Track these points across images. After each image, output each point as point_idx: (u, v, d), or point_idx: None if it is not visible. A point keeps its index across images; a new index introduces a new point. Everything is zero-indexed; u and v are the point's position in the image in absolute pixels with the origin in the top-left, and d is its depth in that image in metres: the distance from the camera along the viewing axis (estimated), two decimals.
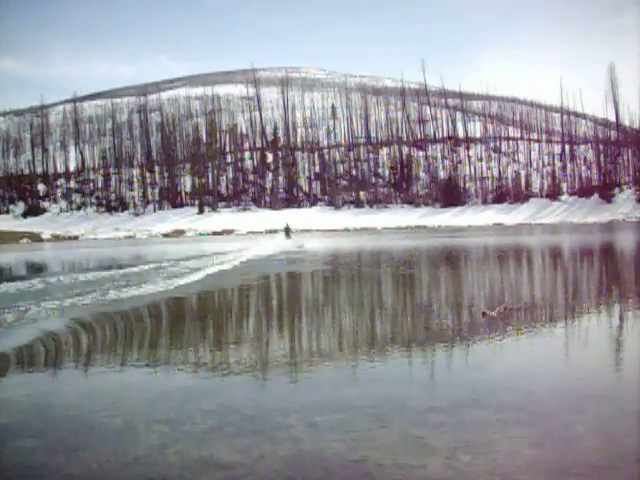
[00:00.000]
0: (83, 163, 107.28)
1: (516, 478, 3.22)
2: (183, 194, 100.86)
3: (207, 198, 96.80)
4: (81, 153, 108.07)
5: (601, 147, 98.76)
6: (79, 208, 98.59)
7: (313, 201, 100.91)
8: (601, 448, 3.56)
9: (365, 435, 3.86)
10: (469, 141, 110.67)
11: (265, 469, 3.42)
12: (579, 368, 5.40)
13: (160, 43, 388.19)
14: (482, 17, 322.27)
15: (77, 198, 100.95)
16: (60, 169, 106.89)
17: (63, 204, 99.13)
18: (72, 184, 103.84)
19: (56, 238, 72.33)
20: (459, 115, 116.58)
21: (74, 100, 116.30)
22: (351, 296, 11.55)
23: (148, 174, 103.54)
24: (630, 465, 3.32)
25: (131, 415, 4.45)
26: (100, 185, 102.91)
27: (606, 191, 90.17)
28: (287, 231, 44.89)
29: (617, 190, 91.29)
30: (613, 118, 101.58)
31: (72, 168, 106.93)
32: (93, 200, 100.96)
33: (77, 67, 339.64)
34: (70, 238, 72.74)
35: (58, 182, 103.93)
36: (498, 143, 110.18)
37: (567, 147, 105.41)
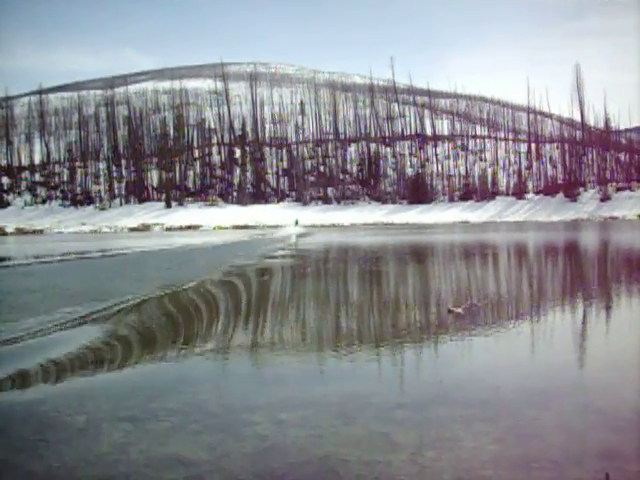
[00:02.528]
0: (48, 156, 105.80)
1: (479, 472, 3.26)
2: (150, 188, 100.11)
3: (174, 193, 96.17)
4: (46, 146, 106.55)
5: (566, 146, 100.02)
6: (44, 202, 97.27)
7: (281, 197, 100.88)
8: (563, 444, 3.61)
9: (330, 432, 3.87)
10: (437, 139, 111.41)
11: (230, 466, 3.41)
12: (545, 365, 5.46)
13: (127, 35, 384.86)
14: (450, 17, 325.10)
15: (42, 191, 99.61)
16: (25, 162, 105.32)
17: (28, 197, 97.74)
18: (37, 177, 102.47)
19: (20, 232, 71.35)
20: (427, 113, 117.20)
21: (39, 92, 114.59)
22: (317, 291, 11.56)
23: (114, 168, 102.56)
24: (591, 460, 3.37)
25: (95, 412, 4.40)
26: (66, 179, 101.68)
27: (571, 190, 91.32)
28: (296, 222, 70.83)
29: (582, 189, 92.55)
30: (578, 118, 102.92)
31: (37, 161, 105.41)
32: (58, 194, 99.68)
33: (42, 58, 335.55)
34: (35, 232, 71.80)
35: (23, 175, 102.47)
36: (465, 141, 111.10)
37: (533, 146, 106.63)
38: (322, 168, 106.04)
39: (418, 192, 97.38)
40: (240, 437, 3.81)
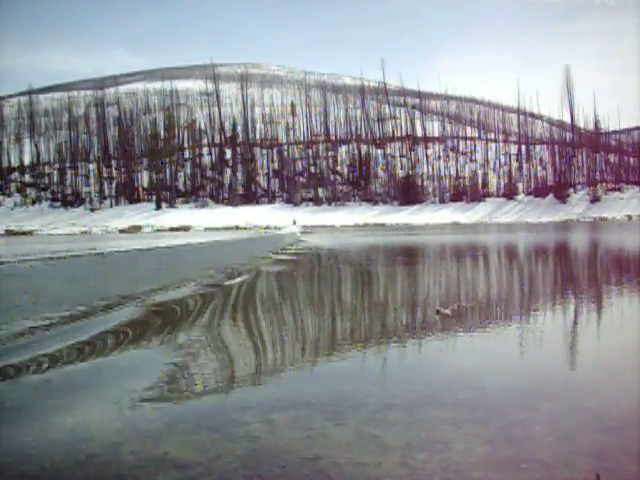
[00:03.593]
0: (38, 157, 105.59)
1: (469, 474, 3.27)
2: (140, 190, 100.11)
3: (165, 194, 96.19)
4: (36, 147, 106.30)
5: (556, 148, 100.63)
6: (34, 203, 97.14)
7: (271, 198, 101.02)
8: (554, 445, 3.62)
9: (321, 433, 3.87)
10: (427, 140, 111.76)
11: (221, 468, 3.40)
12: (535, 366, 5.47)
13: (118, 36, 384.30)
14: (440, 18, 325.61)
15: (32, 192, 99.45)
16: (14, 163, 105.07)
17: (17, 199, 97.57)
18: (27, 178, 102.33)
19: (10, 233, 71.04)
20: (418, 114, 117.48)
21: (29, 92, 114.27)
22: (310, 291, 11.54)
23: (105, 169, 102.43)
24: (582, 461, 3.38)
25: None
26: (56, 180, 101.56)
27: (561, 191, 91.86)
28: (294, 222, 77.18)
29: (571, 190, 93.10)
30: (568, 119, 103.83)
31: (27, 162, 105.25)
32: (48, 195, 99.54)
33: (32, 59, 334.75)
34: (24, 233, 71.49)
35: (12, 176, 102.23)
36: (456, 142, 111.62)
37: (523, 147, 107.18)
38: (313, 169, 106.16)
39: (409, 193, 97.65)
40: (232, 438, 3.81)
